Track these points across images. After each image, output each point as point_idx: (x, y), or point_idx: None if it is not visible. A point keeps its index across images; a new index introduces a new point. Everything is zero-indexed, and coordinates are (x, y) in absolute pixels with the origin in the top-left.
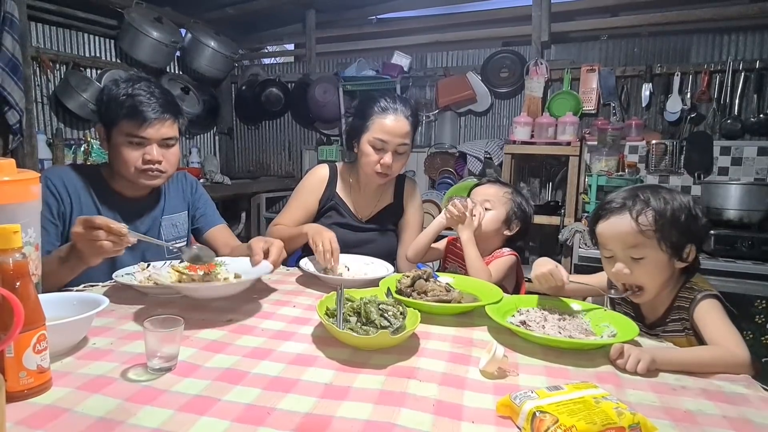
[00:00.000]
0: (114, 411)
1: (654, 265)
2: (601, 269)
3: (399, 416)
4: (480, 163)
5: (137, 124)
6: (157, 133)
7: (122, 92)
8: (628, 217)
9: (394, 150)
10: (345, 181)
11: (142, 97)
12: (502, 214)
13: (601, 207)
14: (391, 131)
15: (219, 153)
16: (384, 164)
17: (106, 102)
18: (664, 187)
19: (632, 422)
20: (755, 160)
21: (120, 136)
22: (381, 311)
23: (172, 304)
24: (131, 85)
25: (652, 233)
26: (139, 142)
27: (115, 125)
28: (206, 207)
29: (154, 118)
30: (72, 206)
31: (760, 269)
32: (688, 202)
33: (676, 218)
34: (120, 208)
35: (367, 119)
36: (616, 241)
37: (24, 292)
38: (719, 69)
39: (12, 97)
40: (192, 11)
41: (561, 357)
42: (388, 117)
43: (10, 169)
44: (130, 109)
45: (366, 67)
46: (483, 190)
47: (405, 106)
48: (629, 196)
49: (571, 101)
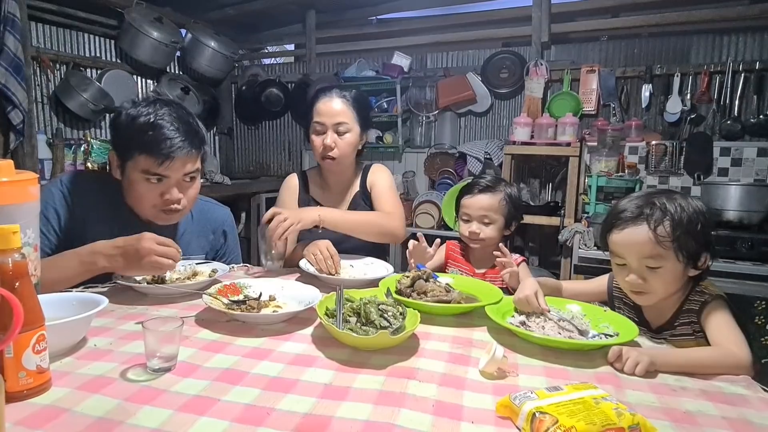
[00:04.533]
0: (113, 411)
1: (670, 274)
2: (600, 271)
3: (398, 417)
4: (480, 164)
5: (157, 162)
6: (180, 169)
7: (142, 120)
8: (645, 228)
9: (334, 130)
10: (316, 183)
11: (164, 130)
12: (502, 221)
13: (615, 216)
14: (325, 112)
15: (219, 153)
16: (326, 145)
17: (123, 130)
18: (677, 192)
19: (632, 423)
20: (755, 161)
21: (135, 171)
22: (381, 312)
23: (171, 305)
24: (153, 111)
25: (669, 244)
26: (158, 179)
27: (130, 158)
28: (233, 254)
29: (177, 154)
30: (85, 222)
31: (760, 270)
32: (702, 207)
33: (693, 227)
34: (132, 231)
35: (310, 110)
36: (631, 251)
37: (23, 292)
38: (719, 70)
39: (16, 96)
40: (192, 11)
41: (560, 358)
42: (322, 100)
43: (8, 170)
44: (151, 143)
45: (366, 68)
46: (477, 203)
47: (342, 89)
48: (644, 204)
49: (571, 102)
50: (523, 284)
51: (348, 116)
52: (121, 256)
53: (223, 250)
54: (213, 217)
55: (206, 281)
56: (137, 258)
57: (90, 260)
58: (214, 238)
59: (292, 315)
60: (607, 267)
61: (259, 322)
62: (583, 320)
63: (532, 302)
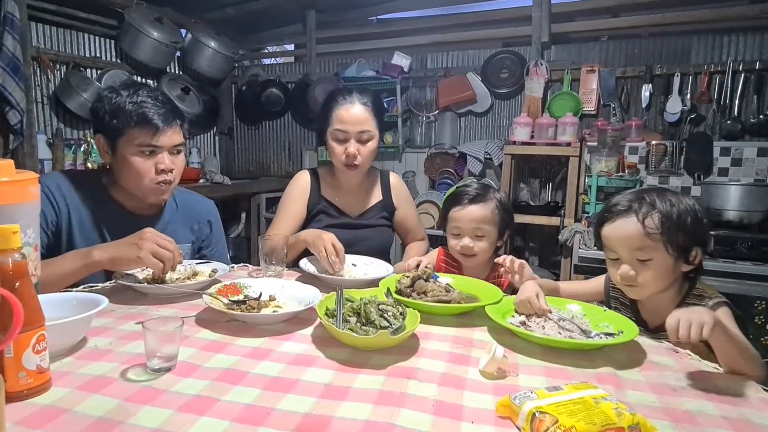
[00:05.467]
0: (113, 411)
1: (660, 267)
2: (601, 271)
3: (398, 416)
4: (480, 164)
5: (150, 133)
6: (170, 140)
7: (127, 100)
8: (635, 220)
9: (357, 138)
10: (328, 182)
11: (149, 104)
12: (495, 233)
13: (607, 210)
14: (348, 120)
15: (219, 153)
16: (349, 154)
17: (109, 111)
18: (670, 190)
19: (632, 423)
20: (755, 160)
21: (130, 146)
22: (381, 311)
23: (171, 305)
24: (134, 92)
25: (658, 236)
26: (151, 151)
27: (123, 135)
28: (219, 245)
29: (166, 125)
30: (70, 218)
31: (760, 270)
32: (694, 205)
33: (683, 221)
34: (121, 224)
35: (328, 115)
36: (622, 243)
37: (23, 292)
38: (719, 70)
39: (13, 97)
40: (192, 11)
41: (561, 357)
42: (344, 107)
43: (8, 169)
44: (141, 117)
45: (366, 68)
46: (468, 215)
47: (361, 94)
48: (635, 199)
49: (571, 102)
50: (524, 286)
51: (370, 123)
52: (118, 244)
53: (209, 240)
54: (197, 208)
55: (206, 281)
56: (136, 240)
57: (86, 252)
58: (199, 228)
59: (292, 315)
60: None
61: (259, 322)
62: (583, 320)
63: (534, 303)
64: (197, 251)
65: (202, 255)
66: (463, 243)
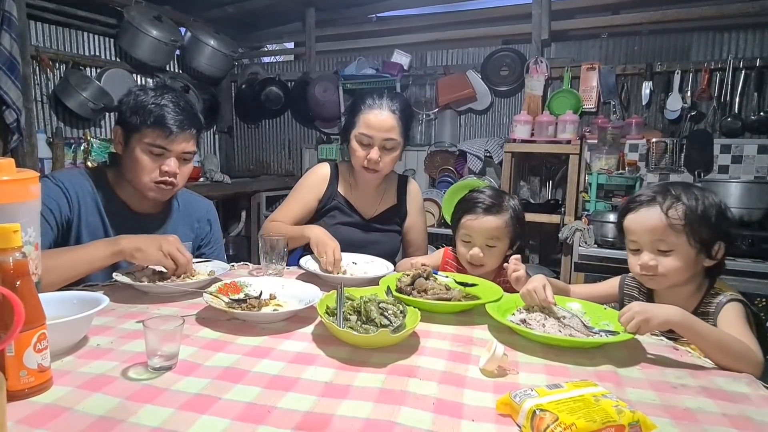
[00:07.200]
0: (114, 410)
1: (681, 258)
2: (600, 269)
3: (399, 414)
4: (480, 162)
5: (163, 135)
6: (180, 146)
7: (151, 100)
8: (658, 210)
9: (381, 145)
10: (346, 180)
11: (170, 108)
12: (506, 244)
13: (631, 200)
14: (375, 126)
15: (219, 152)
16: (370, 159)
17: (132, 107)
18: (696, 185)
19: (632, 420)
20: (755, 158)
21: (141, 143)
22: (381, 310)
23: (172, 303)
24: (160, 94)
25: (681, 227)
26: (159, 152)
27: (138, 131)
28: (217, 244)
29: (180, 131)
30: (80, 214)
31: (760, 267)
32: (720, 201)
33: (707, 214)
34: (124, 222)
35: (355, 116)
36: (644, 232)
37: (24, 291)
38: (719, 67)
39: (9, 96)
40: (192, 10)
41: (561, 355)
42: (373, 112)
43: (9, 168)
44: (158, 118)
45: (366, 66)
46: (481, 225)
47: (392, 100)
48: (660, 191)
49: (571, 99)
50: (532, 278)
51: (396, 132)
52: (143, 237)
53: (209, 238)
54: (197, 207)
55: (207, 280)
56: (162, 240)
57: (114, 240)
58: (199, 226)
59: (292, 313)
60: (607, 265)
61: (259, 320)
62: (584, 318)
63: (539, 293)
64: (196, 249)
65: (201, 254)
66: (473, 252)
